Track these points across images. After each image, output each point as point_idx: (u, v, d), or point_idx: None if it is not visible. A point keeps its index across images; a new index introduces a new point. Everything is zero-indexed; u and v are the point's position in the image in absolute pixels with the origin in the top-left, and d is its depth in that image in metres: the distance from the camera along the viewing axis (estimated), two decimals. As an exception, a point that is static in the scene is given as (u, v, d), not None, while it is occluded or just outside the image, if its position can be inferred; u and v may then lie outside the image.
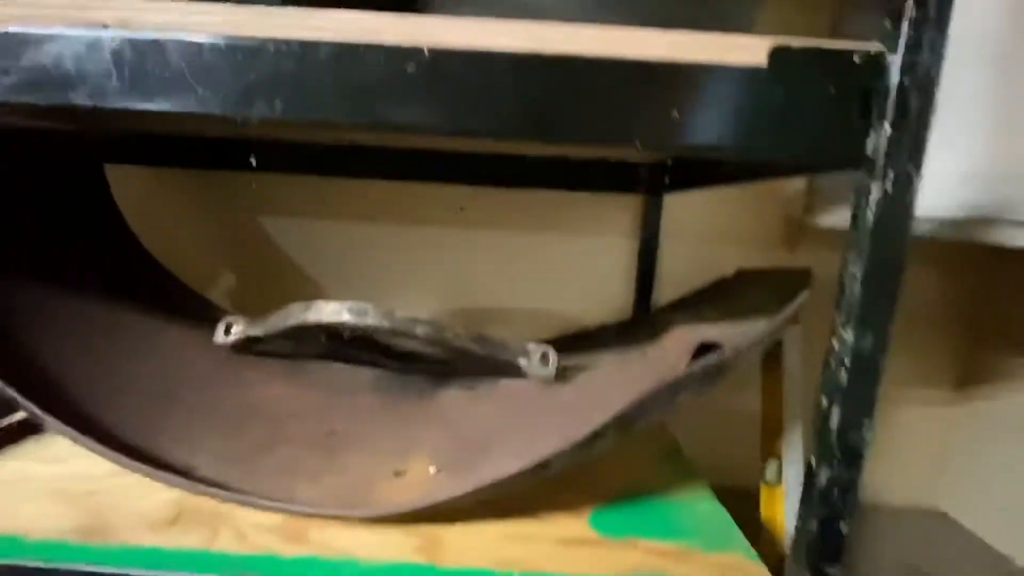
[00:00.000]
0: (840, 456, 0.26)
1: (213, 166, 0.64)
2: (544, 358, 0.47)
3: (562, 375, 0.47)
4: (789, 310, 0.35)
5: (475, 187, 0.66)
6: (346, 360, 0.55)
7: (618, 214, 0.67)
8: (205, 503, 0.33)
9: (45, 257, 0.48)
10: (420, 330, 0.44)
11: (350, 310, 0.43)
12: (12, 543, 0.29)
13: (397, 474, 0.36)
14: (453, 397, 0.49)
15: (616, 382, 0.45)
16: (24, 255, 0.46)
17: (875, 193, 0.24)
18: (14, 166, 0.51)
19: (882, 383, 0.25)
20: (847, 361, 0.25)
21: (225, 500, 0.33)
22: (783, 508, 0.46)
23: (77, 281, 0.48)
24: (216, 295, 0.67)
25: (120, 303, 0.50)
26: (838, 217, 0.59)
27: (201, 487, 0.33)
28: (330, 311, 0.44)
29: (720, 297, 0.55)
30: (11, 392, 0.33)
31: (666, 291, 0.66)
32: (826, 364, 0.27)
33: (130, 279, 0.55)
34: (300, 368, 0.54)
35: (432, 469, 0.36)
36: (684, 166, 0.57)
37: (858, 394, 0.26)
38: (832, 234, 0.61)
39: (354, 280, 0.68)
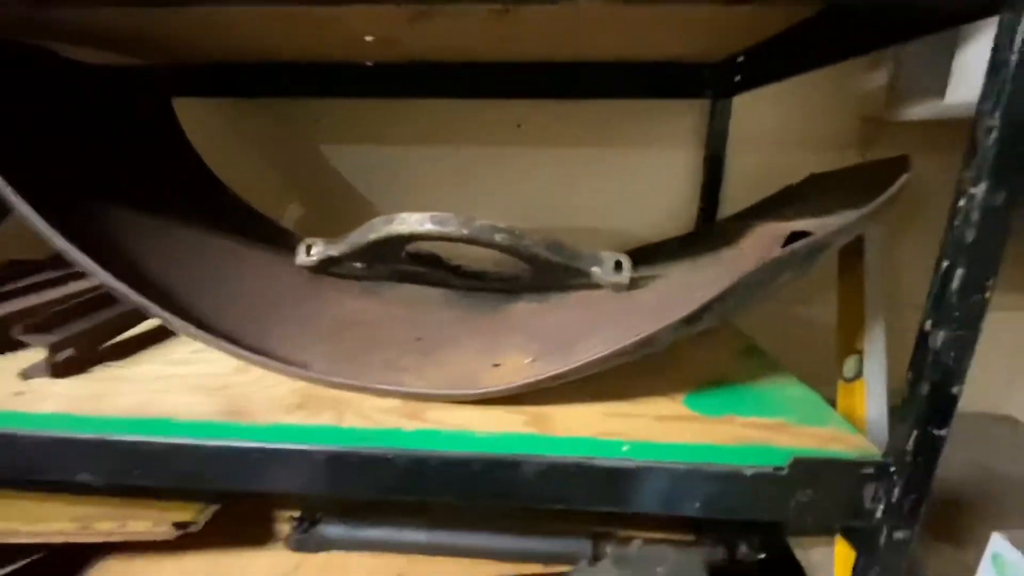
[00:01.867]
0: (958, 318, 0.26)
1: (275, 93, 0.64)
2: (618, 265, 0.48)
3: (635, 282, 0.47)
4: (888, 194, 0.34)
5: (532, 101, 0.64)
6: (414, 280, 0.57)
7: (681, 122, 0.64)
8: (325, 392, 0.36)
9: (136, 186, 0.50)
10: (499, 237, 0.45)
11: (432, 219, 0.44)
12: (164, 424, 0.33)
13: (495, 366, 0.38)
14: (527, 308, 0.51)
15: (695, 283, 0.45)
16: (115, 183, 0.49)
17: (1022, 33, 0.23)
18: (90, 104, 0.52)
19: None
20: (975, 218, 0.25)
21: (343, 388, 0.36)
22: (863, 401, 0.47)
23: (164, 209, 0.50)
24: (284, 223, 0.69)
25: (207, 228, 0.53)
26: (925, 109, 0.55)
27: (322, 377, 0.36)
28: (413, 221, 0.45)
29: (795, 200, 0.54)
30: (148, 302, 0.36)
31: (732, 203, 0.64)
32: (949, 225, 0.26)
33: (210, 207, 0.57)
34: (374, 288, 0.56)
35: (527, 360, 0.37)
36: (758, 58, 0.54)
37: (984, 253, 0.25)
38: (910, 132, 0.58)
39: (412, 204, 0.69)
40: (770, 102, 0.62)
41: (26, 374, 0.37)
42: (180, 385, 0.37)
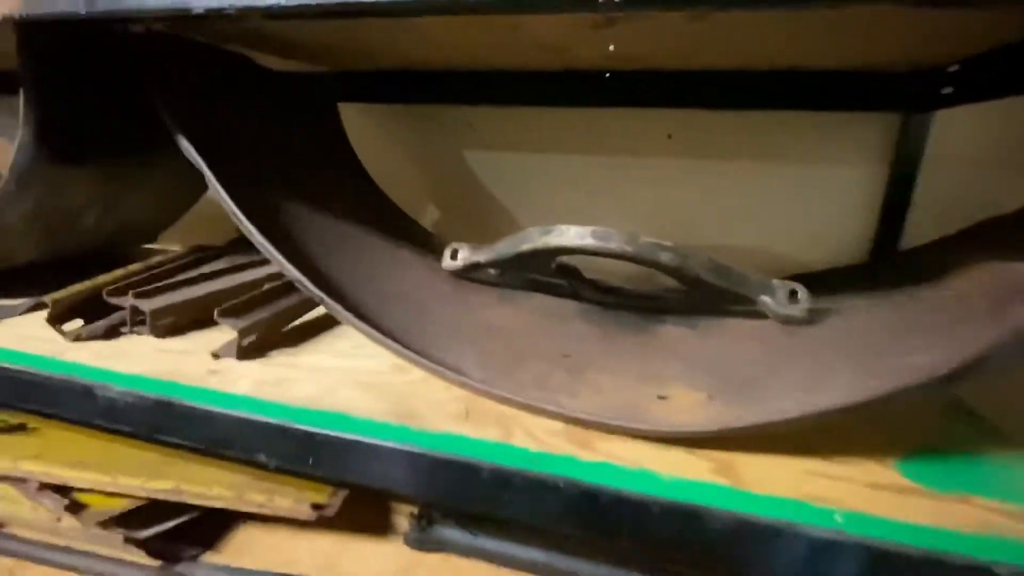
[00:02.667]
0: None
1: (430, 100, 0.66)
2: (793, 295, 0.43)
3: (810, 315, 0.42)
4: None
5: (684, 110, 0.61)
6: (548, 291, 0.55)
7: (860, 137, 0.57)
8: (485, 404, 0.35)
9: (304, 185, 0.54)
10: (664, 257, 0.42)
11: (594, 234, 0.42)
12: (344, 419, 0.34)
13: (661, 398, 0.35)
14: (676, 333, 0.47)
15: (898, 326, 0.39)
16: (287, 181, 0.52)
17: None
18: (272, 106, 0.57)
19: None
20: None
21: (503, 402, 0.35)
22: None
23: (329, 206, 0.54)
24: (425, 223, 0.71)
25: (366, 227, 0.55)
26: None
27: (485, 388, 0.35)
28: (573, 235, 0.43)
29: (1015, 233, 0.45)
30: (327, 297, 0.38)
31: (916, 231, 0.56)
32: None
33: (367, 207, 0.60)
34: (510, 296, 0.55)
35: (701, 395, 0.34)
36: (979, 69, 0.46)
37: None
38: None
39: (554, 216, 0.68)
40: (975, 116, 0.53)
41: (217, 354, 0.41)
42: (348, 380, 0.38)
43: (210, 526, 0.60)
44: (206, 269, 0.52)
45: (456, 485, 0.31)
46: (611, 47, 0.47)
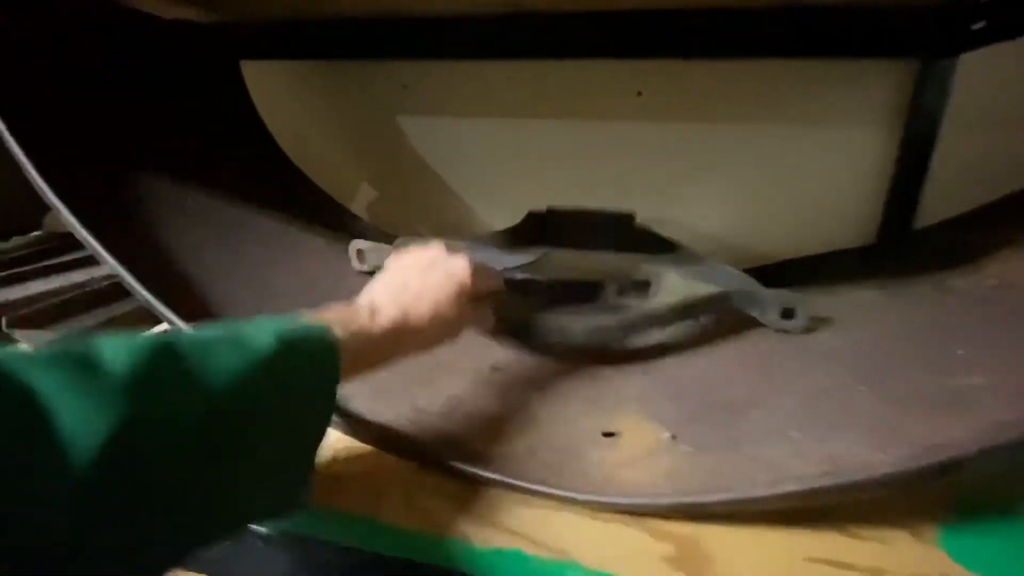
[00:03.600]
0: None
1: (354, 55, 0.55)
2: (787, 314, 0.33)
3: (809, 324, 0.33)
4: None
5: (656, 61, 0.50)
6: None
7: (870, 91, 0.47)
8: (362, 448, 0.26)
9: (186, 152, 0.43)
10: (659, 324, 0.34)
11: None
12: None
13: (607, 435, 0.25)
14: (638, 341, 0.37)
15: (918, 327, 0.29)
16: (165, 149, 0.42)
17: None
18: (156, 61, 0.46)
19: None
20: None
21: (387, 449, 0.25)
22: None
23: (217, 179, 0.43)
24: (354, 205, 0.61)
25: (259, 205, 0.44)
26: None
27: (365, 427, 0.25)
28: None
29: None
30: (150, 298, 0.28)
31: (934, 204, 0.46)
32: None
33: (267, 180, 0.49)
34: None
35: (665, 435, 0.24)
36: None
37: None
38: None
39: (506, 187, 0.57)
40: (1008, 59, 0.43)
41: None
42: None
43: None
44: (54, 262, 0.41)
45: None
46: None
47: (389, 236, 0.50)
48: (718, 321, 0.36)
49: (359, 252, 0.43)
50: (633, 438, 0.25)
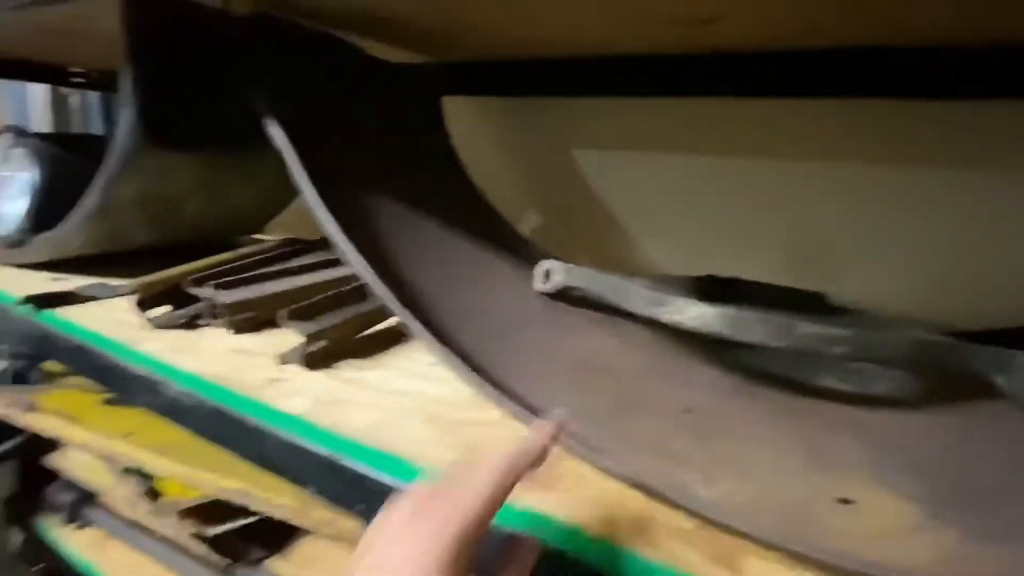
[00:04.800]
0: None
1: (536, 92, 0.60)
2: None
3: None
4: None
5: (866, 101, 0.47)
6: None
7: None
8: (580, 468, 0.27)
9: (399, 183, 0.50)
10: (838, 350, 0.30)
11: (723, 320, 0.32)
12: (401, 465, 0.27)
13: (842, 501, 0.24)
14: (849, 396, 0.35)
15: None
16: (380, 178, 0.48)
17: None
18: (366, 97, 0.54)
19: None
20: None
21: (611, 475, 0.26)
22: None
23: (424, 208, 0.48)
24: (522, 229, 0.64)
25: (457, 232, 0.49)
26: None
27: (587, 452, 0.26)
28: (692, 316, 0.33)
29: None
30: (398, 304, 0.32)
31: None
32: None
33: (461, 210, 0.55)
34: (615, 323, 0.46)
35: (914, 508, 0.23)
36: None
37: None
38: None
39: (671, 226, 0.58)
40: None
41: (284, 359, 0.37)
42: (416, 409, 0.32)
43: (278, 531, 0.57)
44: (294, 264, 0.49)
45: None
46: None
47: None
48: (946, 385, 0.32)
49: (546, 272, 0.45)
50: (875, 509, 0.23)
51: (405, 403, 0.33)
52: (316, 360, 0.36)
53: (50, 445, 0.60)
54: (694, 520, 0.23)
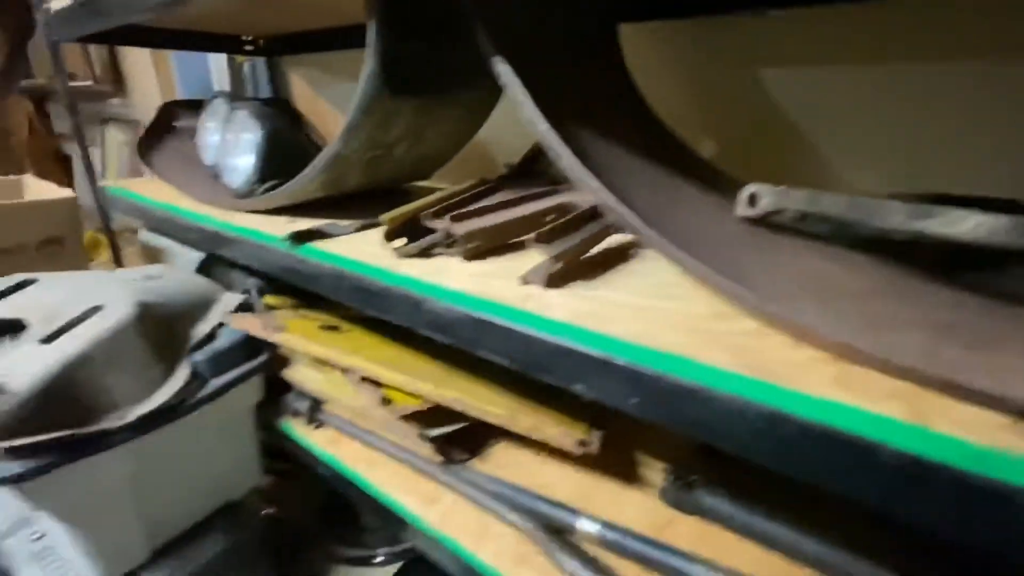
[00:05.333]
0: None
1: (713, 11, 0.57)
2: None
3: None
4: None
5: None
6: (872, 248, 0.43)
7: None
8: (858, 372, 0.28)
9: (597, 111, 0.51)
10: None
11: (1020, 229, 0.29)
12: (684, 363, 0.30)
13: None
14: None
15: None
16: (583, 108, 0.50)
17: None
18: (559, 29, 0.54)
19: None
20: None
21: (897, 374, 0.27)
22: None
23: (623, 137, 0.50)
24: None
25: (649, 160, 0.50)
26: None
27: (871, 351, 0.28)
28: (973, 227, 0.31)
29: None
30: (639, 222, 0.34)
31: None
32: None
33: (648, 138, 0.55)
34: (826, 250, 0.44)
35: None
36: None
37: None
38: None
39: (865, 145, 0.54)
40: None
41: (526, 279, 0.41)
42: (666, 322, 0.35)
43: (472, 438, 0.66)
44: (500, 199, 0.53)
45: (834, 464, 0.25)
46: None
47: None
48: None
49: (751, 196, 0.45)
50: None
51: (655, 317, 0.36)
52: (555, 280, 0.40)
53: (283, 362, 0.73)
54: (1001, 414, 0.24)
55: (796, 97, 0.57)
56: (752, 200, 0.46)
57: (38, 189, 1.32)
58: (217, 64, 1.20)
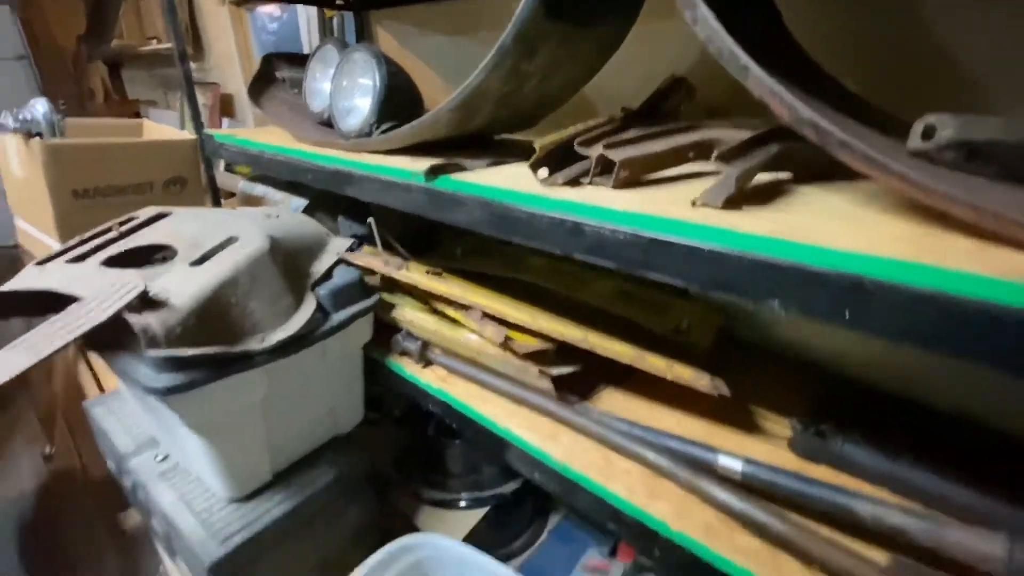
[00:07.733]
0: None
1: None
2: None
3: None
4: None
5: None
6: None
7: None
8: None
9: (760, 40, 0.48)
10: None
11: None
12: (909, 269, 0.29)
13: None
14: None
15: None
16: (759, 41, 0.47)
17: None
18: None
19: None
20: None
21: None
22: None
23: (791, 72, 0.47)
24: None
25: (819, 95, 0.48)
26: None
27: None
28: None
29: None
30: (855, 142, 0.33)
31: None
32: None
33: (810, 74, 0.53)
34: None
35: None
36: None
37: None
38: None
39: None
40: None
41: (704, 200, 0.40)
42: (874, 234, 0.33)
43: (584, 382, 0.66)
44: (635, 134, 0.52)
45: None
46: None
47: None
48: None
49: (926, 128, 0.42)
50: None
51: (860, 230, 0.34)
52: (734, 201, 0.39)
53: (387, 306, 0.75)
54: None
55: (955, 25, 0.53)
56: (927, 133, 0.43)
57: (158, 131, 1.39)
58: (307, 19, 1.22)
